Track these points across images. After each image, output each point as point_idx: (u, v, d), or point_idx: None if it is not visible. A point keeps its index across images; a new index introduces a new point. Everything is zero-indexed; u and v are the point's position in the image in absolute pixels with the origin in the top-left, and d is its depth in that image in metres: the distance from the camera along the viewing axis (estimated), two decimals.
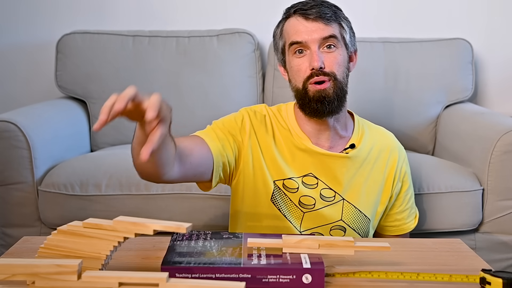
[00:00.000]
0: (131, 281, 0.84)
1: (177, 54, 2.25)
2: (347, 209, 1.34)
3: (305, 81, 1.28)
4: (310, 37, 1.26)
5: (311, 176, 1.33)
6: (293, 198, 1.33)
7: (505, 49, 2.49)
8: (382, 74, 2.25)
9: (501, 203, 1.81)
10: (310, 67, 1.26)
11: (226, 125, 1.33)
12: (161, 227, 0.88)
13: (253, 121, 1.35)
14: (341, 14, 1.33)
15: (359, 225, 1.36)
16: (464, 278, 0.93)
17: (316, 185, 1.33)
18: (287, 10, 1.33)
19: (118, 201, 1.78)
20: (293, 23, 1.30)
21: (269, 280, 0.91)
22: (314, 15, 1.27)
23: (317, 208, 1.33)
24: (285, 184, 1.33)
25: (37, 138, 1.82)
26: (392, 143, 1.43)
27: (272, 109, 1.40)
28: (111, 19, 2.43)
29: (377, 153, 1.39)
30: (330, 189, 1.34)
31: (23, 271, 0.85)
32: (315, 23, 1.27)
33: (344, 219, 1.34)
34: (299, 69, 1.28)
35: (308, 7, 1.28)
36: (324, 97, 1.26)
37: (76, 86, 2.25)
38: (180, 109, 2.22)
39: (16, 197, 1.80)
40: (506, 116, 2.04)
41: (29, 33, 2.45)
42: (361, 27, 2.43)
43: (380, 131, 1.45)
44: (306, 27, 1.27)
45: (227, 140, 1.30)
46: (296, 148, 1.34)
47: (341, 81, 1.28)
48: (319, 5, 1.29)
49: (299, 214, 1.33)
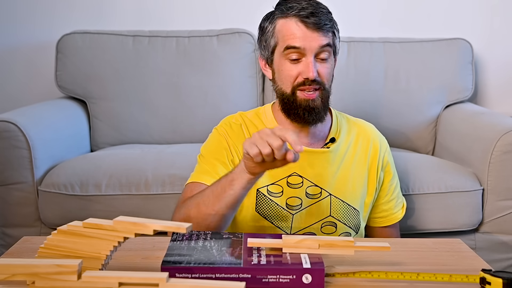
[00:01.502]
0: (131, 281, 0.84)
1: (177, 54, 2.25)
2: (335, 204, 1.34)
3: (294, 87, 1.28)
4: (308, 45, 1.25)
5: (296, 175, 1.33)
6: (279, 202, 1.33)
7: (505, 49, 2.49)
8: (382, 74, 2.25)
9: (501, 203, 1.82)
10: (304, 75, 1.26)
11: (213, 152, 1.33)
12: (161, 227, 0.88)
13: (231, 135, 1.34)
14: (334, 21, 1.31)
15: (348, 219, 1.35)
16: (464, 278, 0.93)
17: (301, 184, 1.33)
18: (284, 9, 1.29)
19: (118, 201, 1.78)
20: (290, 27, 1.27)
21: (269, 280, 0.91)
22: (315, 25, 1.25)
23: (304, 207, 1.33)
24: (269, 190, 1.33)
25: (37, 138, 1.82)
26: (372, 134, 1.42)
27: (248, 115, 1.39)
28: (111, 19, 2.43)
29: (358, 144, 1.39)
30: (316, 186, 1.33)
31: (23, 271, 0.85)
32: (314, 32, 1.25)
33: (333, 215, 1.34)
34: (291, 75, 1.28)
35: (308, 13, 1.26)
36: (313, 108, 1.28)
37: (76, 86, 2.25)
38: (180, 109, 2.22)
39: (16, 197, 1.80)
40: (506, 116, 2.04)
41: (29, 33, 2.45)
42: (361, 27, 2.45)
43: (359, 123, 1.44)
44: (305, 34, 1.26)
45: (220, 168, 1.31)
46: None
47: (328, 90, 1.30)
48: (318, 12, 1.26)
49: (288, 216, 1.33)
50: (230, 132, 1.35)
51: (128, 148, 2.10)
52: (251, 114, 1.39)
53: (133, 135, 2.23)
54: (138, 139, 2.23)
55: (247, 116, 1.39)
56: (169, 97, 2.23)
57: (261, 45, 1.36)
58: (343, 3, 2.45)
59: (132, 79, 2.22)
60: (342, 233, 1.34)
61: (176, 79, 2.24)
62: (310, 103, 1.27)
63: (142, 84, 2.22)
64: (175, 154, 1.93)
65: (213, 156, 1.33)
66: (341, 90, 2.24)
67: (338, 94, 2.27)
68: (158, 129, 2.23)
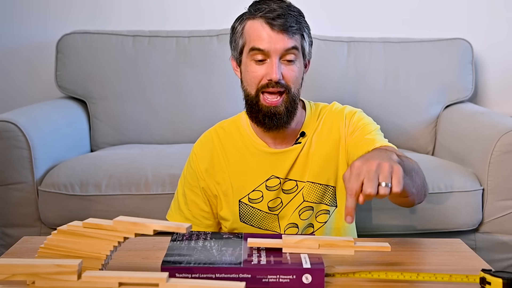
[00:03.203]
0: (131, 281, 0.84)
1: (177, 54, 2.25)
2: (307, 188, 1.33)
3: (258, 89, 1.27)
4: (273, 47, 1.24)
5: (273, 177, 1.33)
6: (261, 207, 1.33)
7: (505, 49, 2.49)
8: (382, 74, 2.25)
9: (501, 203, 1.82)
10: (267, 76, 1.25)
11: (190, 180, 1.38)
12: (161, 227, 0.88)
13: (201, 160, 1.36)
14: (304, 23, 1.30)
15: (323, 197, 1.34)
16: (464, 278, 0.93)
17: (279, 184, 1.33)
18: (252, 10, 1.29)
19: (118, 201, 1.78)
20: (256, 28, 1.26)
21: (269, 280, 0.91)
22: (280, 27, 1.24)
23: (285, 204, 1.33)
24: (250, 198, 1.33)
25: (37, 138, 1.82)
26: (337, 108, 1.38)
27: (224, 124, 1.40)
28: (111, 19, 2.43)
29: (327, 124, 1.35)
30: (291, 180, 1.34)
31: (23, 271, 0.85)
32: (280, 34, 1.24)
33: (306, 199, 1.33)
34: (255, 76, 1.27)
35: (275, 15, 1.24)
36: (275, 114, 1.26)
37: (76, 86, 2.25)
38: (180, 109, 2.22)
39: (16, 197, 1.80)
40: (506, 116, 2.04)
41: (29, 33, 2.45)
42: (361, 27, 2.45)
43: (328, 105, 1.40)
44: (270, 36, 1.25)
45: (198, 198, 1.37)
46: (252, 157, 1.34)
47: (294, 93, 1.28)
48: (286, 14, 1.25)
49: (273, 218, 1.34)
50: (200, 156, 1.37)
51: (128, 148, 2.10)
52: (228, 122, 1.40)
53: (133, 135, 2.23)
54: (138, 139, 2.23)
55: (224, 125, 1.40)
56: (169, 97, 2.23)
57: (231, 45, 1.36)
58: (343, 3, 2.45)
59: (132, 79, 2.22)
60: (318, 211, 1.34)
61: (176, 79, 2.24)
62: (272, 109, 1.26)
63: (142, 84, 2.22)
64: (175, 154, 1.93)
65: (189, 183, 1.38)
66: (341, 90, 2.25)
67: (338, 94, 2.29)
68: (158, 129, 2.23)
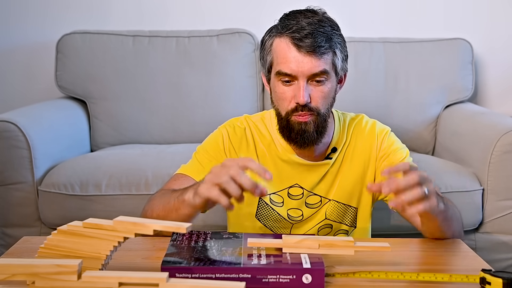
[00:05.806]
0: (131, 281, 0.84)
1: (177, 54, 2.25)
2: (330, 206, 1.32)
3: (288, 113, 1.24)
4: (300, 70, 1.19)
5: (297, 186, 1.32)
6: (281, 212, 1.32)
7: (505, 49, 2.49)
8: (382, 74, 2.25)
9: (501, 203, 1.81)
10: (295, 99, 1.21)
11: (209, 150, 1.31)
12: (161, 227, 0.88)
13: (233, 139, 1.32)
14: (336, 38, 1.24)
15: (344, 217, 1.33)
16: (464, 278, 0.93)
17: (302, 195, 1.31)
18: (280, 27, 1.22)
19: (118, 201, 1.78)
20: (283, 48, 1.21)
21: (269, 280, 0.91)
22: (308, 48, 1.18)
23: (305, 218, 1.32)
24: (272, 199, 1.32)
25: (37, 138, 1.82)
26: (370, 128, 1.36)
27: (253, 118, 1.37)
28: (111, 19, 2.43)
29: (357, 143, 1.34)
30: (315, 195, 1.32)
31: (23, 271, 0.85)
32: (307, 56, 1.18)
33: (328, 217, 1.33)
34: (284, 98, 1.23)
35: (302, 35, 1.18)
36: (304, 131, 1.23)
37: (76, 86, 2.25)
38: (180, 109, 2.22)
39: (16, 197, 1.80)
40: (506, 116, 2.04)
41: (29, 33, 2.44)
42: (361, 27, 2.45)
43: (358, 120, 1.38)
44: (296, 59, 1.19)
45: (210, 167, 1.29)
46: (280, 160, 1.32)
47: (324, 114, 1.24)
48: (315, 33, 1.18)
49: (287, 225, 1.33)
50: (232, 135, 1.32)
51: (128, 148, 2.10)
52: (257, 118, 1.37)
53: (133, 135, 2.23)
54: (138, 139, 2.23)
55: (252, 120, 1.36)
56: (169, 97, 2.23)
57: (261, 61, 1.31)
58: (343, 3, 2.45)
59: (132, 79, 2.22)
60: (337, 231, 1.34)
61: (176, 79, 2.24)
62: (303, 125, 1.23)
63: (142, 84, 2.22)
64: (175, 154, 1.93)
65: (206, 154, 1.31)
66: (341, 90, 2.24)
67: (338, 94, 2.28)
68: (158, 129, 2.23)
